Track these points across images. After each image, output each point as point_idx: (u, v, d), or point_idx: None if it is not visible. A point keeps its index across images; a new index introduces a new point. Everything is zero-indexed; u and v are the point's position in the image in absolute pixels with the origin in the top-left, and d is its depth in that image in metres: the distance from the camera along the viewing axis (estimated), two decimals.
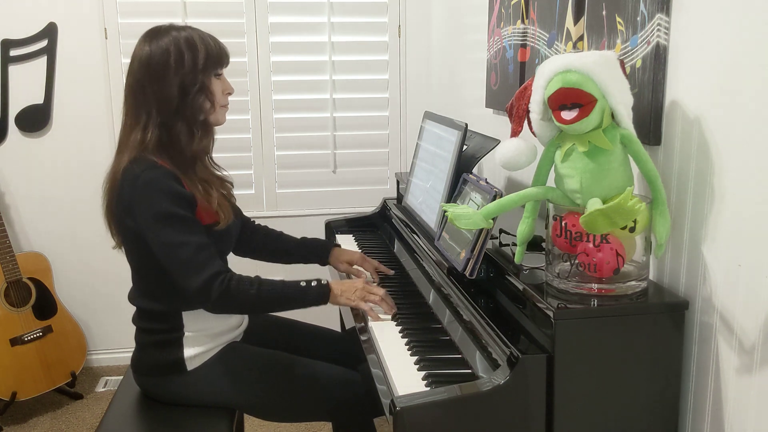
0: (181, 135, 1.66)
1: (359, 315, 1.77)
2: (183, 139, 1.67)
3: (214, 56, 1.68)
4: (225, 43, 1.75)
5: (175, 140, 1.66)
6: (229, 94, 1.75)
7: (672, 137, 1.36)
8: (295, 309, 1.72)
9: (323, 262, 2.08)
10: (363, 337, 1.68)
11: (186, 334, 1.72)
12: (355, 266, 2.03)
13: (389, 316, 1.73)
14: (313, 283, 1.71)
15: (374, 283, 1.95)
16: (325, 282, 1.73)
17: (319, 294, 1.71)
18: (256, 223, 2.10)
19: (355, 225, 2.59)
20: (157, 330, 1.74)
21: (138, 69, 1.66)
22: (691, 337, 1.33)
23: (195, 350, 1.73)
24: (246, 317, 1.93)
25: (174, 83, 1.63)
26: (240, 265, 1.92)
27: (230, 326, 1.81)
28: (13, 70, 2.99)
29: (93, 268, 3.19)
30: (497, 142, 1.82)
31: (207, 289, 1.58)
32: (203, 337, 1.74)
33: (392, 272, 2.05)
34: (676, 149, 1.35)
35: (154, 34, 1.67)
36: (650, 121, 1.39)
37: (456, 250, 1.59)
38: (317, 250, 2.07)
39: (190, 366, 1.73)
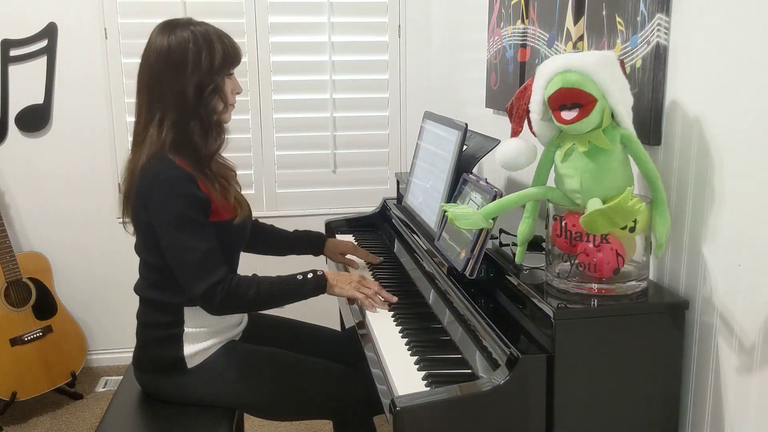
0: (195, 134, 1.67)
1: (358, 311, 1.79)
2: (197, 139, 1.68)
3: (230, 56, 1.69)
4: None
5: (189, 139, 1.67)
6: (238, 93, 1.76)
7: (672, 137, 1.36)
8: (295, 302, 1.75)
9: (317, 253, 2.15)
10: (361, 332, 1.68)
11: (186, 330, 1.73)
12: (348, 255, 2.14)
13: (385, 309, 1.77)
14: (309, 275, 1.75)
15: (369, 271, 2.08)
16: (321, 273, 1.77)
17: (316, 285, 1.75)
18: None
19: (355, 225, 2.58)
20: (159, 324, 1.75)
21: (155, 61, 1.65)
22: (691, 337, 1.33)
23: (195, 348, 1.73)
24: (246, 316, 1.94)
25: (191, 82, 1.64)
26: (245, 259, 1.92)
27: (230, 324, 1.82)
28: (13, 70, 2.99)
29: (93, 268, 3.19)
30: (497, 142, 1.82)
31: (210, 295, 1.63)
32: (203, 334, 1.75)
33: (380, 260, 2.15)
34: (676, 149, 1.35)
35: (173, 26, 1.67)
36: (650, 121, 1.39)
37: (456, 250, 1.59)
38: (311, 242, 2.14)
39: (191, 364, 1.73)
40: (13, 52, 2.97)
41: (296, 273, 1.76)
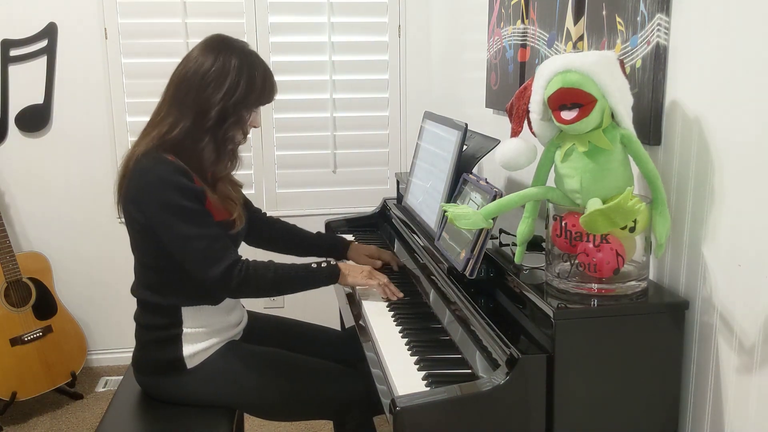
0: (205, 151, 1.68)
1: (356, 305, 1.81)
2: (207, 156, 1.68)
3: (265, 98, 1.73)
4: None
5: (197, 151, 1.68)
6: (255, 127, 1.78)
7: (672, 137, 1.36)
8: (309, 289, 1.79)
9: (339, 257, 2.14)
10: (362, 337, 1.68)
11: (185, 330, 1.73)
12: (373, 259, 2.13)
13: (400, 294, 1.84)
14: (323, 264, 1.81)
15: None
16: (334, 263, 1.84)
17: (330, 274, 1.80)
18: (268, 215, 2.12)
19: (355, 225, 2.59)
20: (157, 326, 1.74)
21: (192, 73, 1.66)
22: (691, 337, 1.33)
23: (194, 348, 1.73)
24: (245, 315, 1.95)
25: (217, 105, 1.65)
26: (252, 255, 1.91)
27: (229, 323, 1.82)
28: (13, 70, 2.99)
29: (93, 268, 3.19)
30: (497, 142, 1.82)
31: (227, 277, 1.64)
32: (202, 334, 1.75)
33: (402, 263, 2.13)
34: (676, 149, 1.35)
35: (223, 47, 1.68)
36: (650, 121, 1.39)
37: (456, 250, 1.59)
38: (334, 246, 2.15)
39: (190, 364, 1.73)
40: (13, 52, 2.98)
41: (310, 262, 1.80)
